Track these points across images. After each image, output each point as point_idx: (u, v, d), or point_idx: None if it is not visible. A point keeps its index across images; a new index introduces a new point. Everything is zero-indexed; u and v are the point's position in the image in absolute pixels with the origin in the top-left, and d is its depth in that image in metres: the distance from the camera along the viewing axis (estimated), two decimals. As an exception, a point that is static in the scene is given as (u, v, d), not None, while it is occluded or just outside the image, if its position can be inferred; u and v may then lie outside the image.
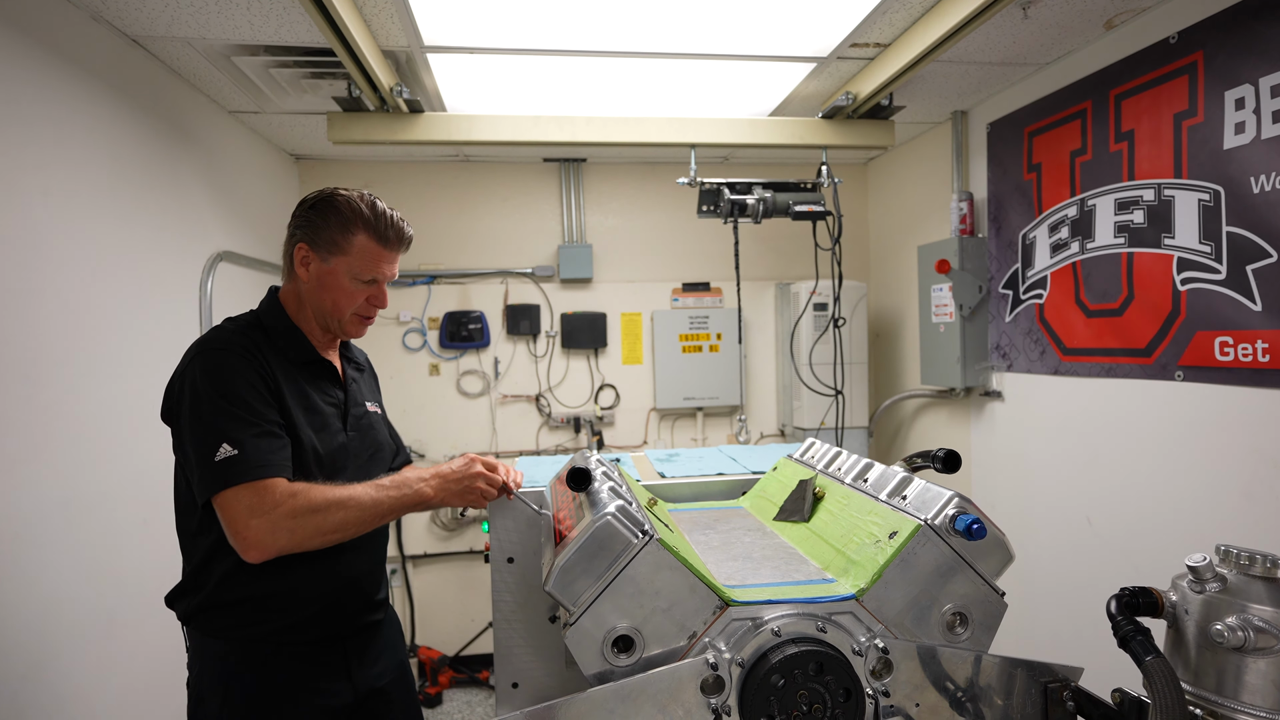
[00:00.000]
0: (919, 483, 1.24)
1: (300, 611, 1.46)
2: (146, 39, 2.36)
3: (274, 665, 1.44)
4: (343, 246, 1.50)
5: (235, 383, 1.37)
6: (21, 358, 1.87)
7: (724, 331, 4.15)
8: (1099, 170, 2.57)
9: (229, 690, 1.42)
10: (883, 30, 2.49)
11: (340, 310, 1.54)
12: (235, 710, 1.41)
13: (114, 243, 2.27)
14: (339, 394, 1.60)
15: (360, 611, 1.57)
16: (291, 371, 1.50)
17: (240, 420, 1.34)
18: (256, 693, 1.42)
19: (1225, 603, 0.94)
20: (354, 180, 3.94)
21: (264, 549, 1.30)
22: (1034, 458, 2.97)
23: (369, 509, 1.37)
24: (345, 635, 1.54)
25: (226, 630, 1.43)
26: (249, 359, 1.42)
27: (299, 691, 1.45)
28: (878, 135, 3.15)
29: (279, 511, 1.30)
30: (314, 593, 1.47)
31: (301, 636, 1.47)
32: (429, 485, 1.43)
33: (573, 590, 1.06)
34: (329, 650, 1.51)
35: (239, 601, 1.42)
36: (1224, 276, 2.14)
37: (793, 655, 1.02)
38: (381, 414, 1.74)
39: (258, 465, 1.32)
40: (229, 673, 1.42)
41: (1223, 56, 2.11)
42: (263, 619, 1.43)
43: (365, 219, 1.50)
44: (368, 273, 1.52)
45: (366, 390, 1.71)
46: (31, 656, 1.86)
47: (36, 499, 1.90)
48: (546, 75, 2.83)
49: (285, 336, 1.53)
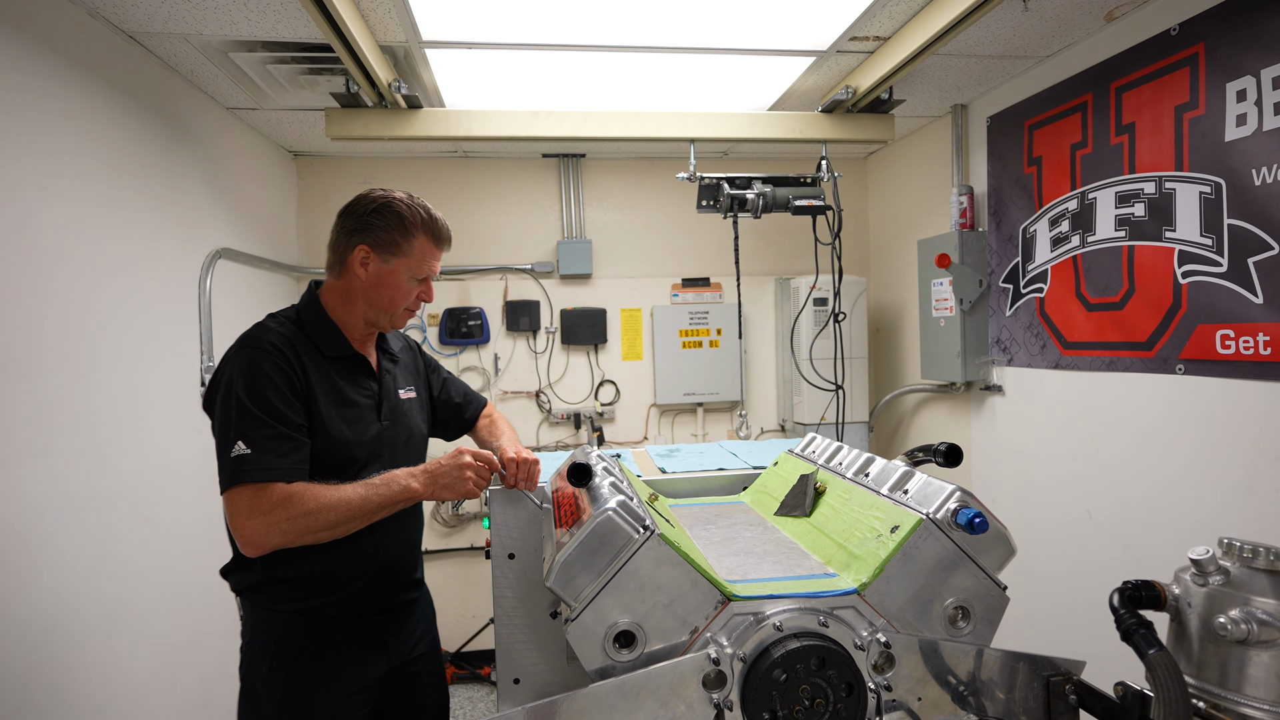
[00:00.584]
0: (920, 477, 1.23)
1: (340, 590, 1.57)
2: (144, 35, 2.35)
3: (317, 636, 1.57)
4: (404, 249, 1.61)
5: (261, 383, 1.46)
6: (21, 354, 1.87)
7: (724, 327, 4.14)
8: (1100, 163, 2.56)
9: (276, 656, 1.55)
10: (882, 23, 2.48)
11: (395, 306, 1.65)
12: (281, 674, 1.55)
13: (112, 240, 2.26)
14: (374, 385, 1.68)
15: (397, 590, 1.69)
16: (324, 366, 1.58)
17: (258, 421, 1.43)
18: (300, 660, 1.55)
19: (1228, 595, 0.94)
20: (352, 177, 3.93)
21: (258, 546, 1.41)
22: (1035, 452, 2.97)
23: (358, 507, 1.45)
24: (383, 611, 1.66)
25: (272, 604, 1.56)
26: (279, 359, 1.50)
27: (339, 661, 1.58)
28: (877, 129, 3.14)
29: (274, 514, 1.40)
30: (352, 573, 1.58)
31: (342, 612, 1.59)
32: (417, 480, 1.51)
33: (574, 586, 1.06)
34: (368, 625, 1.63)
35: (283, 580, 1.54)
36: (1225, 269, 2.13)
37: (795, 650, 1.02)
38: (420, 398, 1.83)
39: (263, 468, 1.41)
40: (277, 640, 1.56)
41: (1224, 48, 2.10)
42: (305, 596, 1.55)
43: (425, 222, 1.63)
44: (424, 271, 1.66)
45: (403, 377, 1.79)
46: (36, 652, 1.86)
47: (38, 495, 1.90)
48: (545, 70, 2.81)
49: (321, 331, 1.61)
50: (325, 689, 1.56)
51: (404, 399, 1.75)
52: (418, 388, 1.83)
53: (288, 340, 1.54)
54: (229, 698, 1.70)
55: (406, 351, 1.86)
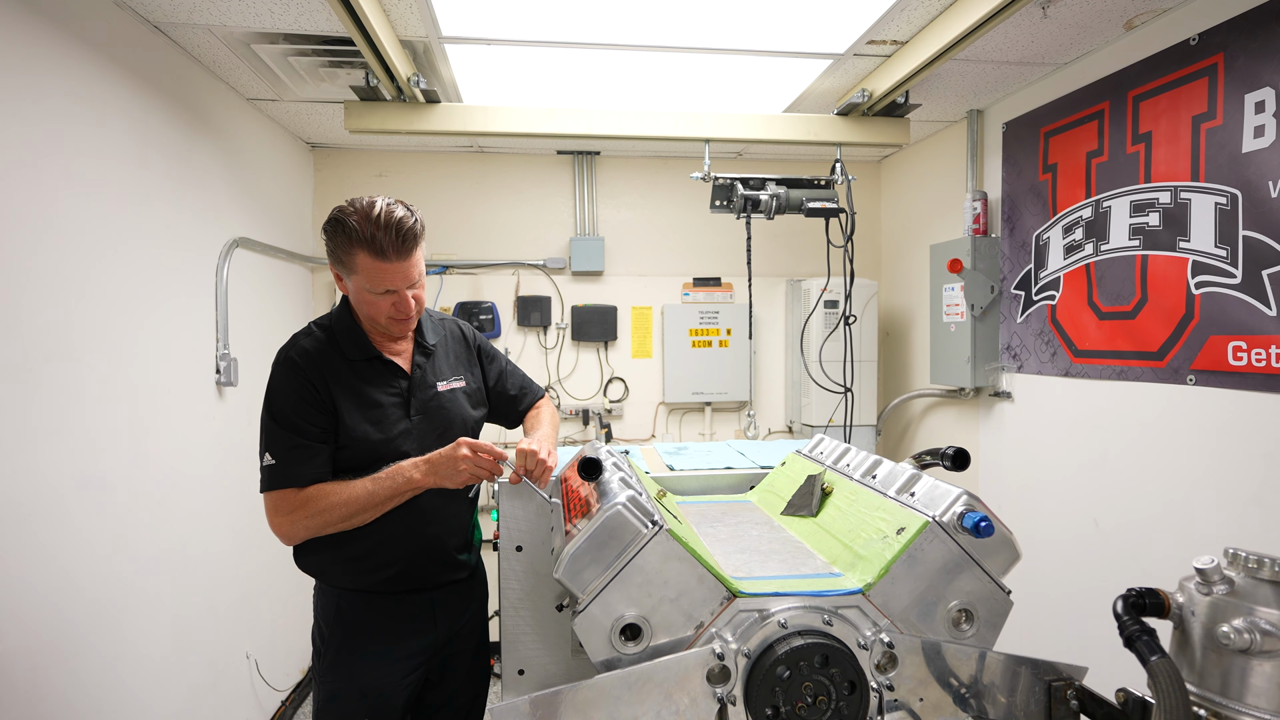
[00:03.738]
0: (928, 480, 1.24)
1: (381, 572, 1.70)
2: (168, 25, 2.38)
3: (372, 608, 1.72)
4: (350, 266, 1.60)
5: (283, 402, 1.62)
6: (43, 337, 1.90)
7: (734, 327, 4.15)
8: (1115, 172, 2.55)
9: (336, 621, 1.72)
10: (900, 27, 2.48)
11: (374, 318, 1.67)
12: (339, 637, 1.72)
13: (133, 226, 2.29)
14: (402, 383, 1.74)
15: (441, 570, 1.78)
16: (347, 372, 1.68)
17: (280, 435, 1.61)
18: (357, 626, 1.72)
19: (1232, 605, 0.95)
20: (368, 170, 3.96)
21: (289, 538, 1.65)
22: (1042, 459, 2.96)
23: (365, 501, 1.59)
24: (430, 589, 1.77)
25: (328, 581, 1.75)
26: (301, 374, 1.63)
27: (387, 630, 1.73)
28: (892, 133, 3.14)
29: (295, 514, 1.61)
30: (394, 555, 1.70)
31: (392, 588, 1.73)
32: (418, 470, 1.59)
33: (582, 578, 1.08)
34: (416, 600, 1.76)
35: (331, 561, 1.71)
36: (1239, 281, 2.12)
37: (799, 647, 1.03)
38: (469, 385, 1.86)
39: (285, 476, 1.60)
40: (338, 608, 1.73)
41: (1243, 59, 2.09)
42: (350, 576, 1.71)
43: (360, 237, 1.54)
44: (378, 286, 1.60)
45: (447, 367, 1.84)
46: (50, 633, 1.89)
47: (55, 478, 1.93)
48: (562, 68, 2.83)
49: (347, 336, 1.70)
50: (373, 654, 1.71)
51: (443, 391, 1.79)
52: (468, 377, 1.87)
53: (314, 352, 1.66)
54: (238, 679, 1.73)
55: (457, 341, 1.90)
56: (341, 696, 1.71)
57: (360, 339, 1.70)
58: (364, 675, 1.71)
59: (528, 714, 1.01)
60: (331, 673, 1.72)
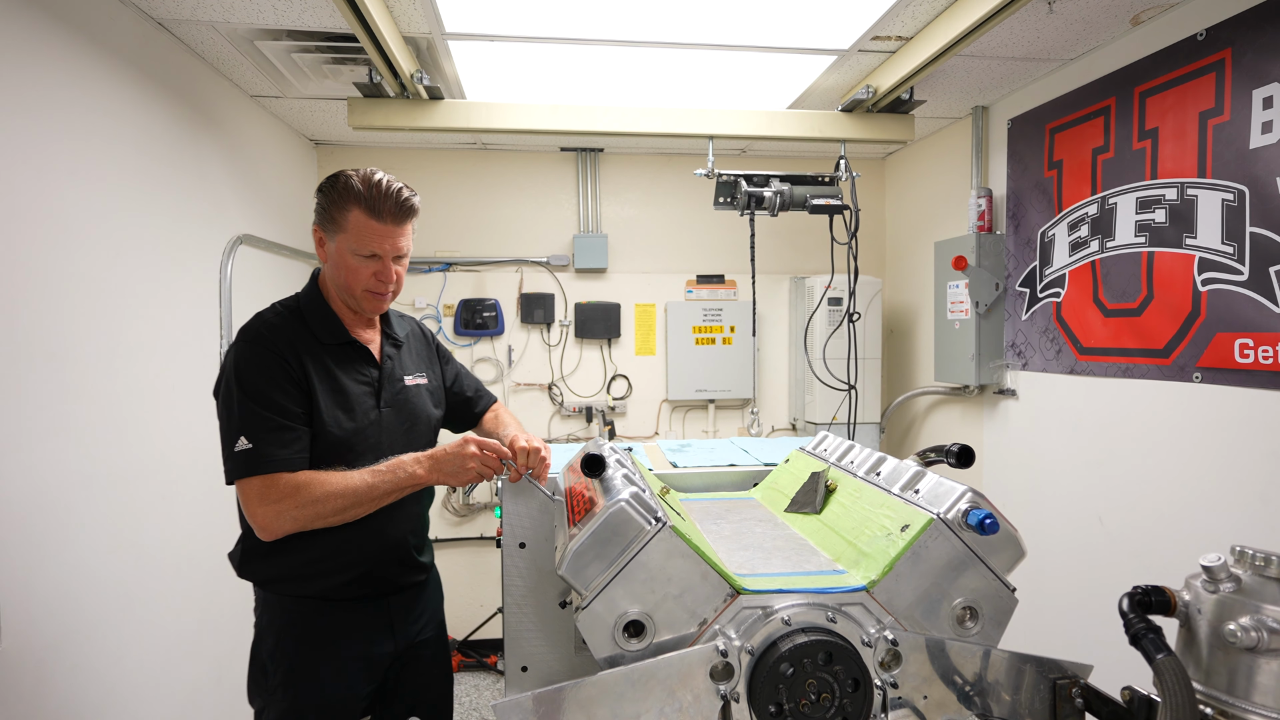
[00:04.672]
0: (932, 477, 1.24)
1: (340, 575, 1.60)
2: (172, 22, 2.38)
3: (324, 616, 1.61)
4: (340, 224, 1.55)
5: (258, 378, 1.49)
6: (49, 335, 1.90)
7: (737, 324, 4.14)
8: (1121, 168, 2.54)
9: (285, 632, 1.60)
10: (905, 23, 2.47)
11: (352, 287, 1.59)
12: (288, 647, 1.60)
13: (138, 223, 2.29)
14: (373, 372, 1.67)
15: (401, 573, 1.70)
16: (321, 354, 1.59)
17: (258, 416, 1.48)
18: (307, 637, 1.60)
19: (1239, 603, 0.94)
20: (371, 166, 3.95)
21: (271, 532, 1.48)
22: (1047, 456, 2.95)
23: (364, 494, 1.49)
24: (388, 594, 1.68)
25: (277, 588, 1.61)
26: (273, 349, 1.52)
27: (345, 639, 1.62)
28: (897, 129, 3.13)
29: (284, 503, 1.45)
30: (355, 558, 1.60)
31: (347, 594, 1.62)
32: (421, 466, 1.53)
33: (585, 575, 1.08)
34: (374, 606, 1.66)
35: (286, 566, 1.58)
36: (1246, 278, 2.11)
37: (802, 644, 1.03)
38: (431, 383, 1.81)
39: (268, 460, 1.46)
40: (286, 618, 1.61)
41: (1251, 54, 2.08)
42: (305, 581, 1.59)
43: (357, 194, 1.52)
44: (365, 248, 1.55)
45: (411, 363, 1.78)
46: (54, 630, 1.90)
47: (61, 474, 1.94)
48: (566, 64, 2.82)
49: (318, 318, 1.62)
50: (330, 665, 1.61)
51: (410, 385, 1.74)
52: (429, 375, 1.82)
53: (283, 329, 1.56)
54: (242, 675, 1.73)
55: (418, 339, 1.86)
56: (297, 712, 1.59)
57: (333, 321, 1.62)
58: (318, 692, 1.59)
59: (531, 710, 1.00)
60: (283, 690, 1.59)
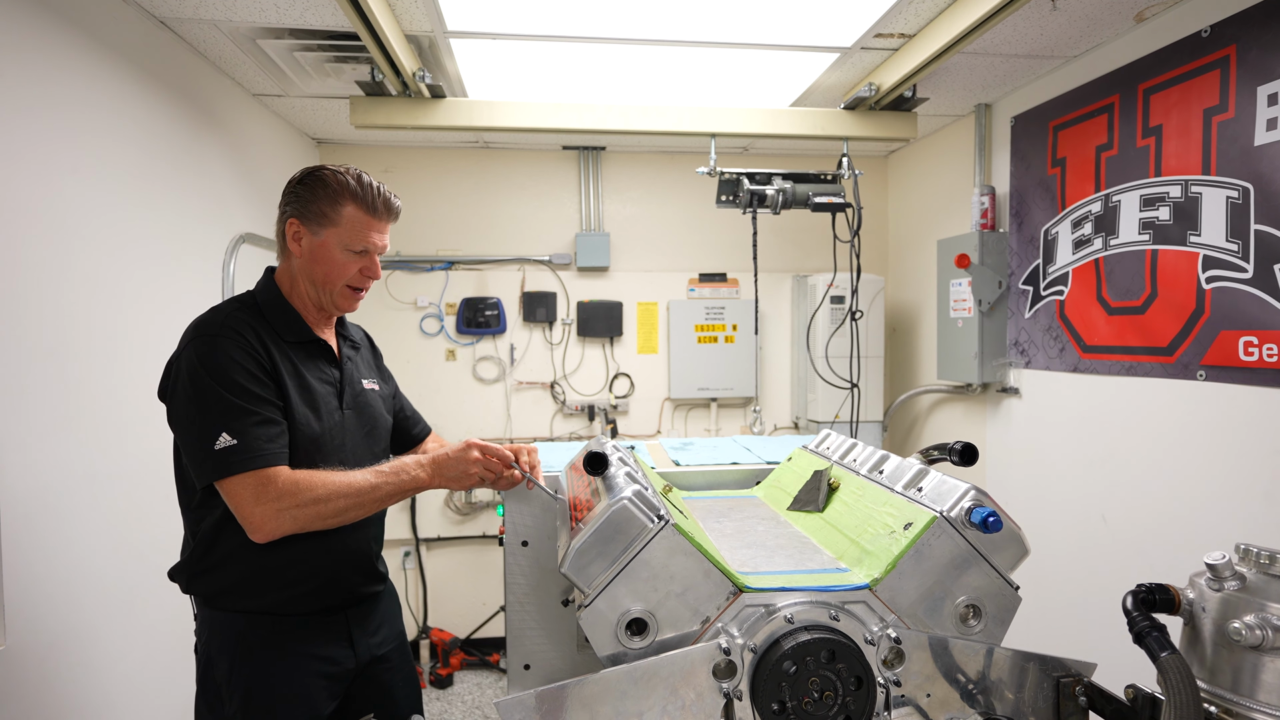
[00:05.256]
0: (935, 475, 1.23)
1: (300, 586, 1.52)
2: (174, 21, 2.38)
3: (280, 632, 1.52)
4: (332, 218, 1.53)
5: (231, 369, 1.41)
6: (51, 333, 1.91)
7: (739, 323, 4.14)
8: (1125, 166, 2.53)
9: (237, 653, 1.49)
10: (908, 20, 2.46)
11: (332, 282, 1.56)
12: (243, 674, 1.49)
13: (140, 222, 2.29)
14: (335, 372, 1.62)
15: (360, 583, 1.64)
16: (285, 351, 1.53)
17: (238, 409, 1.39)
18: (264, 657, 1.50)
19: (1244, 601, 0.94)
20: (374, 166, 3.96)
21: (268, 533, 1.38)
22: (1050, 455, 2.95)
23: (367, 494, 1.44)
24: (346, 605, 1.61)
25: (232, 605, 1.51)
26: (244, 342, 1.45)
27: (304, 657, 1.53)
28: (900, 127, 3.13)
29: (284, 501, 1.37)
30: (312, 568, 1.53)
31: (302, 608, 1.54)
32: (424, 470, 1.50)
33: (588, 573, 1.07)
34: (332, 619, 1.58)
35: (240, 577, 1.49)
36: (1250, 275, 2.11)
37: (805, 642, 1.02)
38: (383, 390, 1.76)
39: (257, 455, 1.38)
40: (238, 638, 1.50)
41: (1256, 51, 2.07)
42: (262, 593, 1.50)
43: (352, 190, 1.53)
44: (358, 243, 1.55)
45: (364, 367, 1.73)
46: (58, 627, 1.90)
47: (63, 472, 1.94)
48: (568, 62, 2.82)
49: (279, 315, 1.56)
50: (290, 684, 1.51)
51: (367, 389, 1.69)
52: (379, 383, 1.77)
53: (248, 323, 1.49)
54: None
55: (367, 347, 1.81)
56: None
57: (294, 319, 1.57)
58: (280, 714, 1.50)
59: (533, 708, 1.00)
60: (245, 714, 1.48)
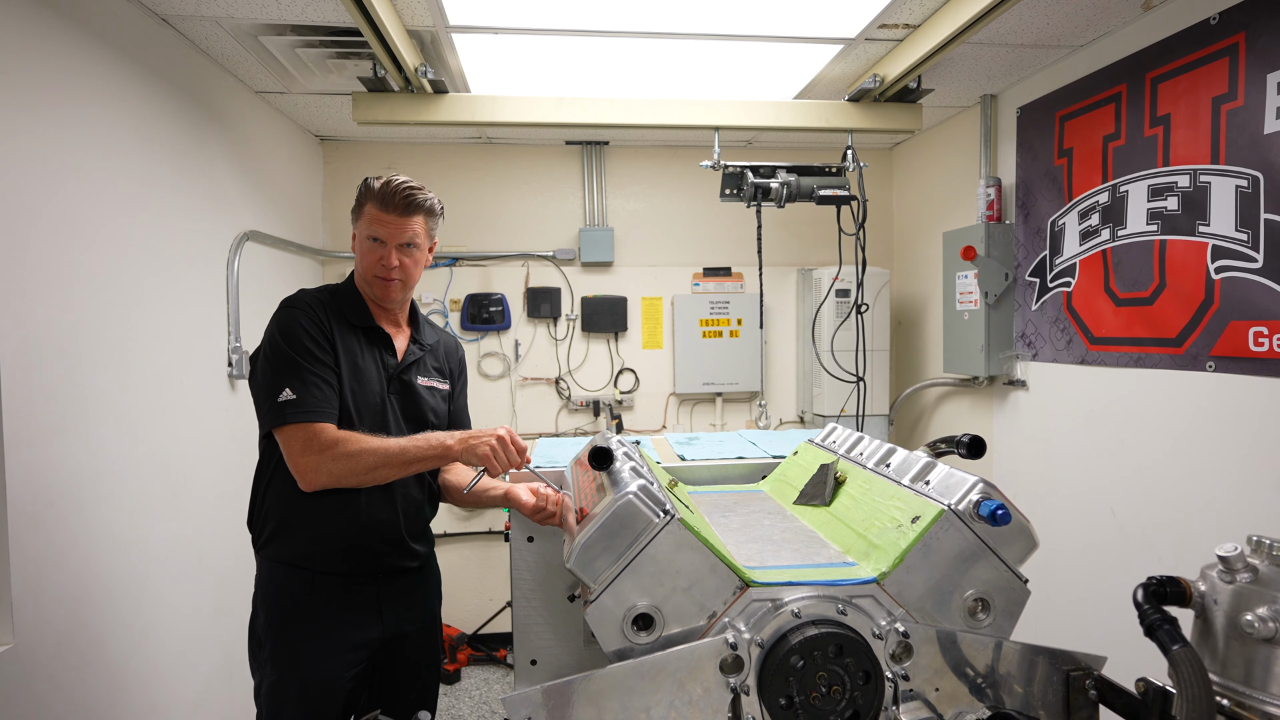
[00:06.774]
0: (943, 468, 1.23)
1: (325, 544, 1.68)
2: (176, 18, 2.38)
3: (313, 592, 1.68)
4: (359, 212, 1.76)
5: (300, 335, 1.65)
6: (59, 332, 1.91)
7: (744, 317, 4.13)
8: (1132, 156, 2.51)
9: (275, 606, 1.69)
10: (912, 11, 2.44)
11: (366, 271, 1.76)
12: (276, 621, 1.69)
13: (145, 220, 2.30)
14: (391, 361, 1.80)
15: (386, 555, 1.74)
16: (347, 333, 1.74)
17: (302, 369, 1.61)
18: (296, 612, 1.68)
19: (1256, 593, 0.93)
20: (377, 162, 3.96)
21: (310, 481, 1.58)
22: (1058, 447, 2.93)
23: (395, 455, 1.59)
24: (376, 575, 1.74)
25: (272, 551, 1.70)
26: (312, 314, 1.69)
27: (331, 618, 1.69)
28: (905, 119, 3.10)
29: (325, 454, 1.56)
30: (333, 529, 1.67)
31: (330, 566, 1.69)
32: (452, 438, 1.61)
33: (594, 568, 1.07)
34: (362, 588, 1.72)
35: (278, 523, 1.69)
36: (1260, 265, 2.08)
37: (813, 637, 1.02)
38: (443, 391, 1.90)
39: (311, 410, 1.59)
40: (277, 592, 1.70)
41: (1266, 38, 2.05)
42: (292, 542, 1.69)
43: (373, 190, 1.73)
44: (371, 232, 1.73)
45: (430, 368, 1.88)
46: (68, 624, 1.91)
47: (71, 470, 1.94)
48: (570, 56, 2.81)
49: (349, 302, 1.78)
50: (316, 641, 1.67)
51: (422, 385, 1.83)
52: (441, 383, 1.90)
53: (321, 302, 1.74)
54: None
55: (450, 353, 1.96)
56: (282, 688, 1.66)
57: (360, 307, 1.78)
58: (305, 666, 1.66)
59: (540, 703, 1.00)
60: (272, 664, 1.67)
